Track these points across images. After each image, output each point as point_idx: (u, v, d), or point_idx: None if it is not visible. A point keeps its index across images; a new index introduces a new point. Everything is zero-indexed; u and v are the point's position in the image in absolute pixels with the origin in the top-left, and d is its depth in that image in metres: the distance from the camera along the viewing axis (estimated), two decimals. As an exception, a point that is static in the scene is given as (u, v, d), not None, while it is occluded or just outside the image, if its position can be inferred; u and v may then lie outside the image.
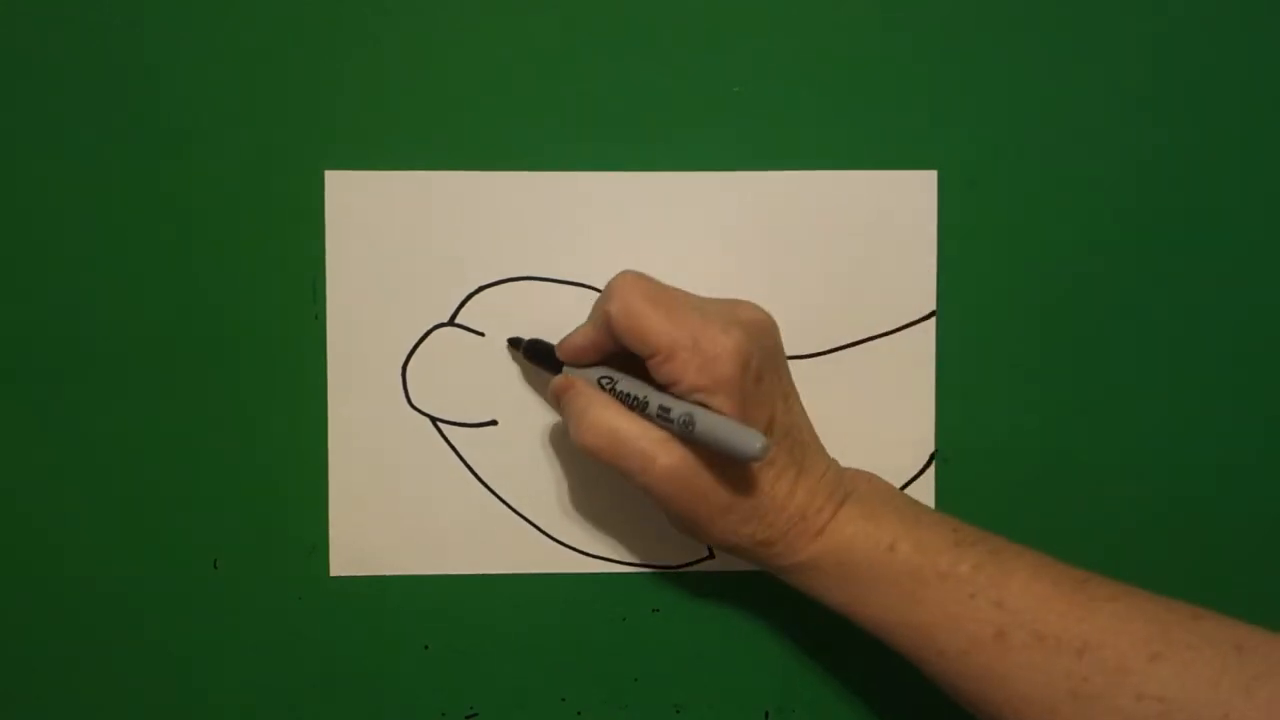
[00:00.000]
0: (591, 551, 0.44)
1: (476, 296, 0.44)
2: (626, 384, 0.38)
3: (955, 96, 0.44)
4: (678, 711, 0.45)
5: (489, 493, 0.44)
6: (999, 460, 0.44)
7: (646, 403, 0.37)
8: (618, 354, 0.39)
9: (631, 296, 0.37)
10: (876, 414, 0.44)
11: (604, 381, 0.39)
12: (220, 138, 0.43)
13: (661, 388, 0.37)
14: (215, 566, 0.44)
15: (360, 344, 0.44)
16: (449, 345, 0.44)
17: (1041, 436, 0.44)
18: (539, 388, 0.44)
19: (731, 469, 0.37)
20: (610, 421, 0.37)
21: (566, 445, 0.44)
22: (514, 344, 0.43)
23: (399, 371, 0.44)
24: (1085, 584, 0.35)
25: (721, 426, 0.35)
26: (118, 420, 0.43)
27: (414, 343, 0.44)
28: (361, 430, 0.44)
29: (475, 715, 0.45)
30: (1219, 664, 0.33)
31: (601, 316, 0.38)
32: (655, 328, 0.36)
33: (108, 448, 0.43)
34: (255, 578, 0.44)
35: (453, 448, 0.44)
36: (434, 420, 0.44)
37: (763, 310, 0.39)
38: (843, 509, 0.38)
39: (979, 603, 0.35)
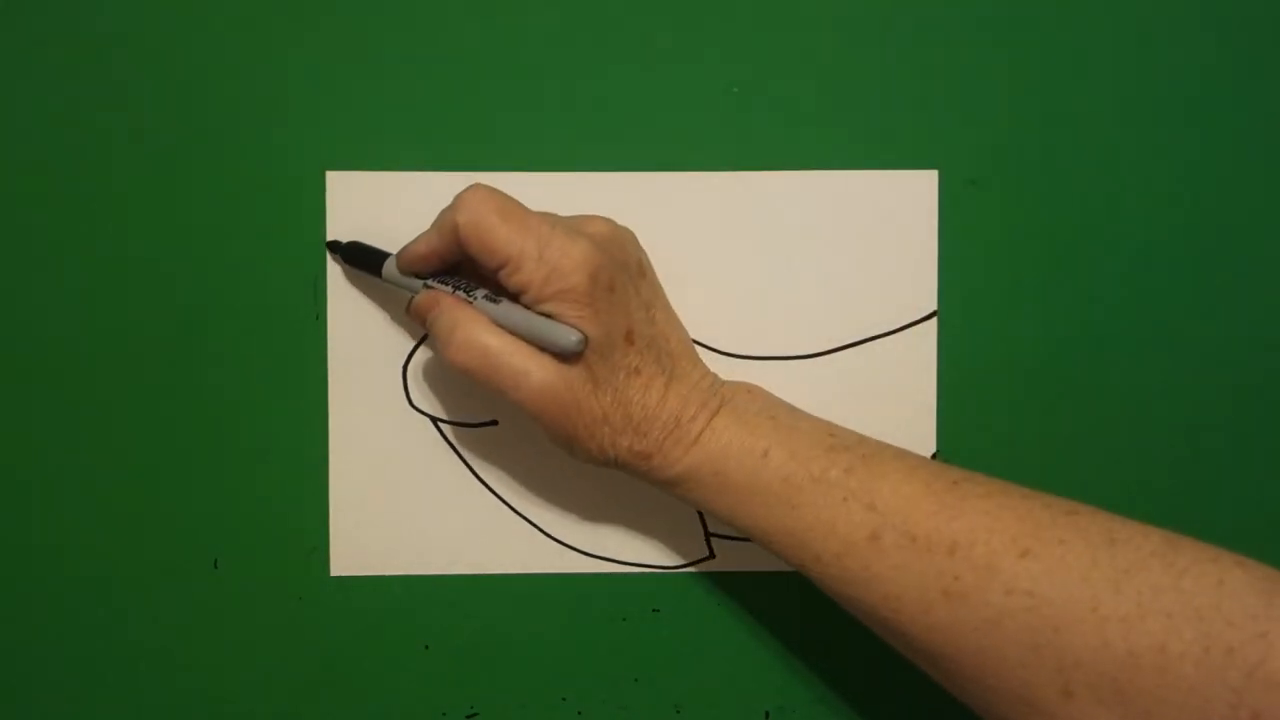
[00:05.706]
0: (591, 551, 0.44)
1: (476, 296, 0.44)
2: (455, 282, 0.39)
3: (955, 96, 0.44)
4: (678, 711, 0.45)
5: (489, 493, 0.44)
6: (999, 460, 0.44)
7: (475, 297, 0.38)
8: (458, 265, 0.39)
9: (482, 208, 0.37)
10: (876, 414, 0.44)
11: (431, 285, 0.40)
12: (221, 138, 0.43)
13: (513, 296, 0.38)
14: (215, 566, 0.44)
15: (361, 344, 0.44)
16: (449, 345, 0.44)
17: (1042, 437, 0.44)
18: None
19: (603, 382, 0.37)
20: (481, 339, 0.37)
21: (566, 445, 0.44)
22: (332, 248, 0.43)
23: (399, 371, 0.44)
24: (958, 484, 0.36)
25: (539, 323, 0.36)
26: (117, 420, 0.43)
27: (414, 343, 0.44)
28: (361, 430, 0.44)
29: (475, 715, 0.45)
30: (1089, 558, 0.33)
31: (449, 226, 0.38)
32: (503, 238, 0.37)
33: (108, 447, 0.43)
34: (255, 578, 0.44)
35: (453, 448, 0.44)
36: (434, 420, 0.44)
37: (617, 225, 0.40)
38: (717, 417, 0.38)
39: (851, 506, 0.36)
